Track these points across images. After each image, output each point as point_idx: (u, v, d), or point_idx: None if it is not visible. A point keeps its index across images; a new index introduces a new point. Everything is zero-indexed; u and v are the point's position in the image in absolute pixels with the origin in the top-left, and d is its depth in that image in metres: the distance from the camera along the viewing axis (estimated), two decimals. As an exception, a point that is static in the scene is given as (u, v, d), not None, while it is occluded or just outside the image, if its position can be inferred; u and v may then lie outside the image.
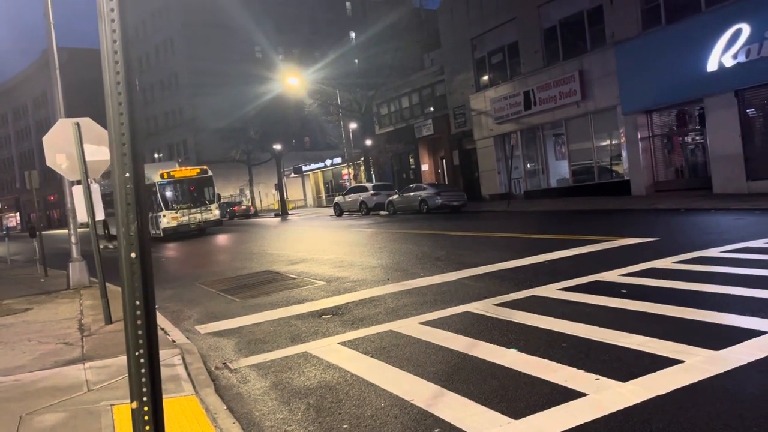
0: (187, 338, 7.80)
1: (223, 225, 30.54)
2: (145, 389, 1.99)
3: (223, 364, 6.56)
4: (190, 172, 29.69)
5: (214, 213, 30.01)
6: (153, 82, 70.86)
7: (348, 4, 75.76)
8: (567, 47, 27.19)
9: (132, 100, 1.93)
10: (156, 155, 74.13)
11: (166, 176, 28.58)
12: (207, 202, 29.81)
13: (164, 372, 6.02)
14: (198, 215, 29.14)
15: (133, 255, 1.95)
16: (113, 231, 30.03)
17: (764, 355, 4.93)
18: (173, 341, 7.50)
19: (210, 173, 30.11)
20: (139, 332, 1.95)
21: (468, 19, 33.03)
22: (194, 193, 29.41)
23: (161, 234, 28.24)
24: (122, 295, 1.97)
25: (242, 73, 58.67)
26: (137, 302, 1.95)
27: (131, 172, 1.91)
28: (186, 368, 6.21)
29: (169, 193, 28.81)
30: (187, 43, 63.58)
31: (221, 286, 12.24)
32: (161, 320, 9.06)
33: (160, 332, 8.07)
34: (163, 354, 6.70)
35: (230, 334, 7.97)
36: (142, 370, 1.98)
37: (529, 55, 29.05)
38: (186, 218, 28.70)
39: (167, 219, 28.18)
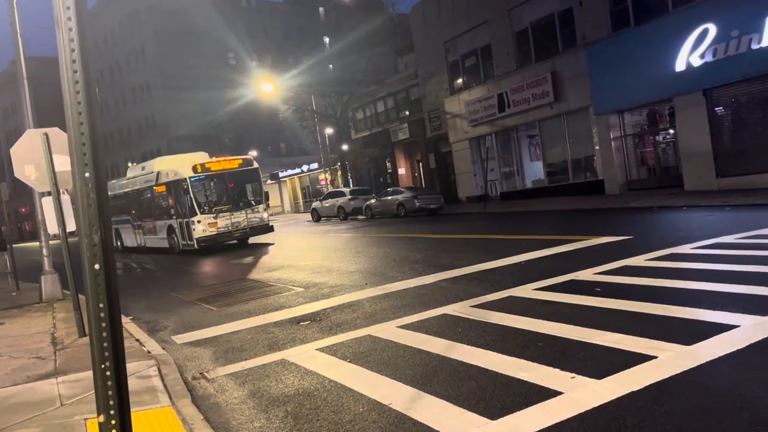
0: (163, 349, 7.70)
1: (274, 230, 23.81)
2: (112, 402, 1.95)
3: (200, 374, 6.49)
4: (231, 163, 22.31)
5: (262, 216, 22.79)
6: (125, 91, 69.98)
7: (321, 9, 75.63)
8: (539, 49, 27.47)
9: (92, 108, 1.90)
10: (129, 164, 73.15)
11: (199, 169, 21.31)
12: (252, 203, 22.73)
13: (140, 383, 5.94)
14: (242, 219, 22.05)
15: (96, 266, 1.92)
16: (128, 242, 28.03)
17: (734, 349, 5.02)
18: (148, 352, 7.40)
19: (255, 164, 23.00)
20: (105, 344, 1.92)
21: (440, 23, 33.20)
22: (236, 190, 22.61)
23: (195, 245, 21.31)
24: (86, 307, 1.94)
25: (215, 80, 58.30)
26: (102, 314, 1.92)
27: (93, 182, 1.88)
28: (162, 379, 6.13)
29: (204, 192, 21.84)
30: (159, 50, 62.92)
31: (197, 295, 12.11)
32: (136, 331, 8.94)
33: (135, 343, 7.96)
34: (138, 365, 6.62)
35: (207, 343, 7.88)
36: (109, 383, 1.94)
37: (502, 58, 29.30)
38: (227, 224, 21.61)
39: (202, 226, 21.08)
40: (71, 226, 9.02)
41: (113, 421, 1.96)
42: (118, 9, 66.84)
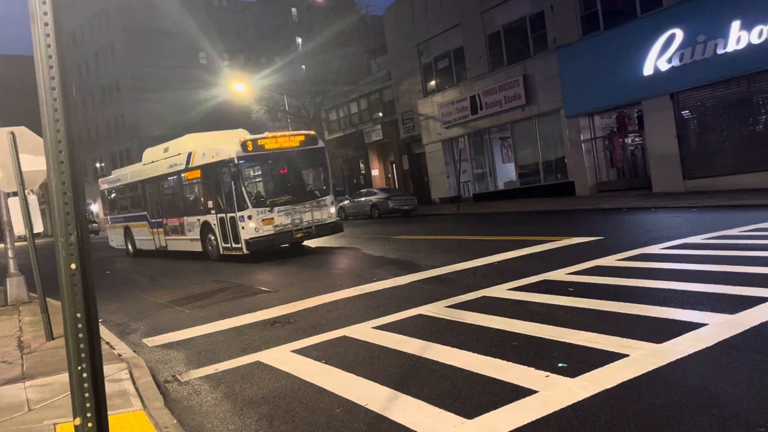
0: (135, 352, 7.58)
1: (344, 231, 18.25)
2: (88, 404, 1.92)
3: (173, 376, 6.40)
4: (290, 140, 16.72)
5: (330, 211, 17.04)
6: (93, 89, 68.66)
7: (294, 10, 75.30)
8: (511, 52, 27.75)
9: (69, 105, 1.86)
10: (98, 164, 71.86)
11: (251, 147, 15.88)
12: (317, 193, 17.03)
13: (111, 387, 5.83)
14: (306, 215, 16.40)
15: (73, 266, 1.88)
16: (142, 244, 22.41)
17: (704, 347, 5.13)
18: (119, 355, 7.27)
19: (321, 142, 17.47)
20: (81, 346, 1.88)
21: (413, 25, 33.33)
22: (297, 176, 17.18)
23: (243, 249, 15.72)
24: (62, 308, 1.90)
25: (187, 80, 57.59)
26: (78, 315, 1.88)
27: (69, 180, 1.85)
28: (134, 382, 6.02)
29: (256, 178, 16.94)
30: (128, 48, 61.91)
31: (170, 297, 11.94)
32: (106, 334, 8.78)
33: (105, 346, 7.81)
34: (110, 368, 6.50)
35: (180, 346, 7.78)
36: (85, 385, 1.91)
37: (475, 60, 29.51)
38: (287, 220, 16.02)
39: (254, 223, 15.54)
40: (38, 228, 8.82)
41: (90, 424, 1.92)
42: (87, 7, 65.56)
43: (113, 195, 25.03)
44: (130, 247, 23.81)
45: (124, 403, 5.40)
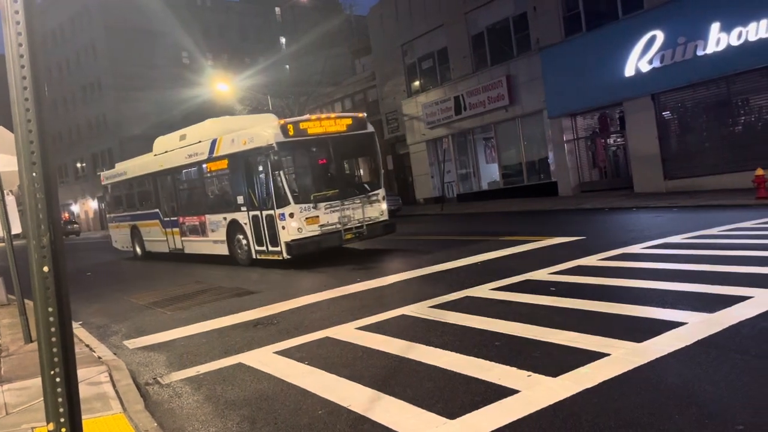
0: (115, 354, 7.50)
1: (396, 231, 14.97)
2: (62, 409, 1.89)
3: (154, 379, 6.34)
4: (336, 123, 14.15)
5: (381, 207, 14.37)
6: (74, 89, 67.88)
7: (277, 10, 75.04)
8: (494, 53, 27.87)
9: (41, 105, 1.83)
10: (79, 165, 71.06)
11: (292, 131, 13.27)
12: (367, 187, 14.44)
13: (90, 390, 5.76)
14: (356, 212, 13.79)
15: (45, 269, 1.84)
16: (152, 246, 19.82)
17: (683, 345, 5.18)
18: (99, 358, 7.18)
19: (370, 127, 14.86)
20: (54, 350, 1.85)
21: (397, 26, 33.35)
22: (344, 166, 14.65)
23: (282, 253, 13.21)
24: (35, 311, 1.87)
25: (169, 79, 57.18)
26: (51, 318, 1.85)
27: (42, 181, 1.81)
28: (114, 385, 5.95)
29: (298, 168, 13.79)
30: (110, 47, 61.27)
31: (151, 299, 11.84)
32: (86, 336, 8.68)
33: (85, 349, 7.72)
34: (89, 371, 6.42)
35: (161, 348, 7.71)
36: (59, 390, 1.87)
37: (458, 61, 29.60)
38: (334, 219, 13.47)
39: (297, 222, 13.04)
40: (16, 229, 8.70)
41: (63, 429, 1.89)
42: (68, 5, 64.83)
43: (118, 190, 22.32)
44: (137, 248, 21.09)
45: (104, 406, 5.34)
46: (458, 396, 4.73)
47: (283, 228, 12.99)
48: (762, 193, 15.11)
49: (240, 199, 14.42)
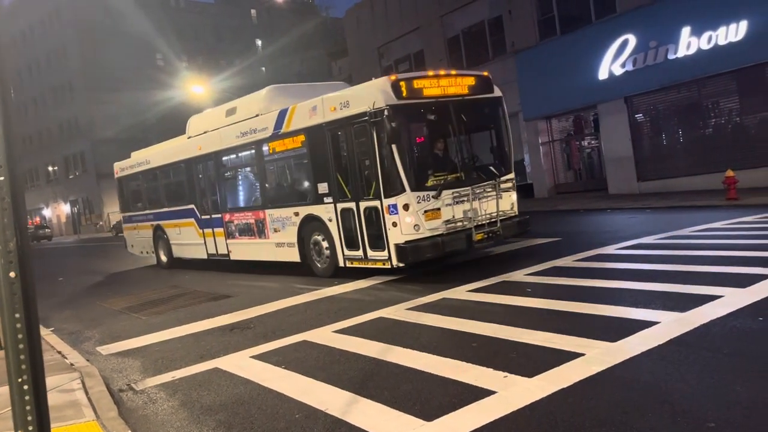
0: (88, 361, 7.37)
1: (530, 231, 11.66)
2: (30, 417, 1.84)
3: (128, 385, 6.24)
4: (456, 83, 10.64)
5: (512, 198, 10.99)
6: (45, 91, 66.68)
7: (253, 11, 74.63)
8: (470, 56, 28.04)
9: (6, 108, 1.79)
10: (50, 168, 69.83)
11: (405, 91, 9.87)
12: (493, 170, 10.87)
13: (62, 397, 5.66)
14: (487, 203, 10.45)
15: (12, 274, 1.80)
16: (182, 251, 16.33)
17: (656, 344, 5.25)
18: (71, 364, 7.06)
19: (497, 90, 11.46)
20: (21, 357, 1.81)
21: (374, 28, 33.40)
22: (467, 140, 10.87)
23: (392, 258, 9.81)
24: (1, 318, 1.83)
25: (143, 81, 56.49)
26: (18, 325, 1.81)
27: (7, 186, 1.77)
28: (86, 392, 5.85)
29: (413, 143, 10.82)
30: (82, 49, 60.33)
31: (125, 303, 11.67)
32: (57, 342, 8.53)
33: (56, 355, 7.59)
34: (61, 378, 6.31)
35: (135, 353, 7.60)
36: (27, 397, 1.83)
37: (434, 64, 29.69)
38: (459, 212, 10.08)
39: (413, 216, 9.67)
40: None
41: (31, 438, 1.85)
42: (38, 5, 63.72)
43: (136, 184, 18.58)
44: (162, 254, 17.15)
45: (76, 413, 5.24)
46: (435, 398, 4.73)
47: (394, 225, 9.61)
48: (732, 194, 15.42)
49: (322, 188, 10.97)
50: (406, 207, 9.59)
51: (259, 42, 71.46)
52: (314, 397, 5.07)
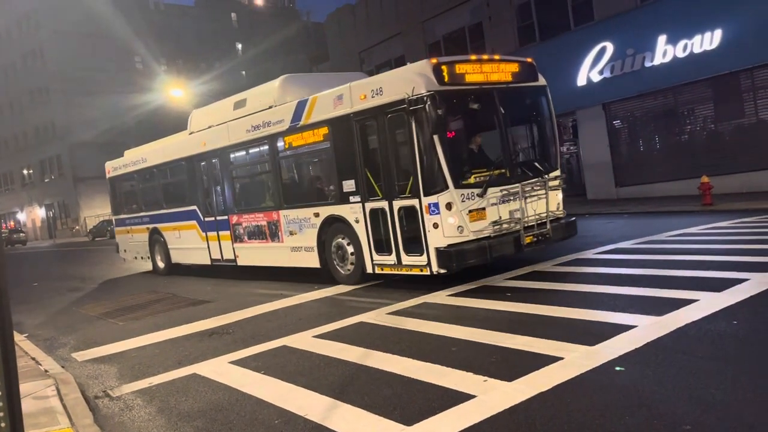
0: (63, 367, 7.25)
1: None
2: (3, 424, 1.81)
3: (104, 392, 6.15)
4: (499, 69, 9.70)
5: (559, 197, 10.07)
6: (21, 93, 65.55)
7: (233, 15, 74.29)
8: (451, 62, 28.15)
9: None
10: (25, 171, 68.69)
11: (447, 76, 8.84)
12: (538, 166, 9.89)
13: (37, 405, 5.57)
14: (536, 203, 9.50)
15: (-15, 279, 1.77)
16: (181, 256, 15.21)
17: (633, 348, 5.30)
18: (46, 371, 6.94)
19: (542, 78, 10.85)
20: (-6, 363, 1.77)
21: (355, 33, 33.42)
22: (510, 133, 9.60)
23: (432, 264, 8.75)
24: (-27, 324, 1.79)
25: (121, 84, 55.89)
26: (-9, 330, 1.77)
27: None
28: (61, 399, 5.76)
29: (456, 134, 9.27)
30: (59, 51, 59.46)
31: (102, 309, 11.51)
32: (32, 349, 8.38)
33: (30, 362, 7.46)
34: (35, 385, 6.20)
35: (112, 359, 7.49)
36: (0, 404, 1.80)
37: (416, 69, 29.79)
38: (505, 212, 9.11)
39: (457, 216, 8.63)
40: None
41: (4, 446, 1.81)
42: (14, 7, 62.74)
43: (130, 184, 17.50)
44: (159, 260, 16.09)
45: (51, 421, 5.15)
46: (415, 402, 4.73)
47: (435, 226, 8.61)
48: (707, 199, 15.66)
49: (348, 186, 9.93)
50: (448, 206, 8.58)
51: (239, 46, 71.15)
52: (294, 403, 5.04)
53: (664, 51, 19.10)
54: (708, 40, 18.08)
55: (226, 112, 13.20)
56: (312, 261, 11.01)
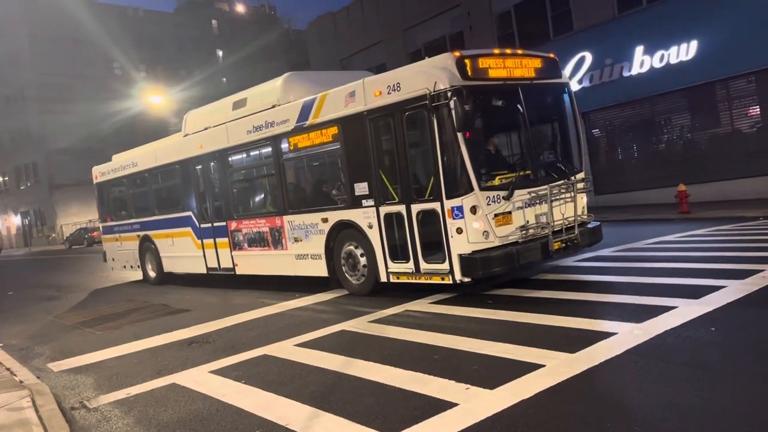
0: (38, 378, 7.11)
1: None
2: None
3: (80, 403, 6.03)
4: (522, 65, 9.00)
5: (584, 200, 9.69)
6: (-5, 100, 64.53)
7: (214, 22, 73.98)
8: (432, 70, 28.29)
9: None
10: (0, 179, 67.51)
11: (471, 71, 8.28)
12: (563, 167, 9.43)
13: (10, 416, 5.45)
14: (566, 206, 9.02)
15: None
16: (174, 264, 14.53)
17: (613, 355, 5.34)
18: (21, 382, 6.80)
19: (564, 75, 10.41)
20: (-32, 375, 1.72)
21: (336, 41, 33.47)
22: (533, 132, 9.13)
23: (455, 272, 8.19)
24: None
25: (99, 90, 55.28)
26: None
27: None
28: (36, 411, 5.64)
29: (480, 132, 8.79)
30: (36, 56, 58.58)
31: (79, 318, 11.32)
32: (6, 359, 8.21)
33: (5, 372, 7.31)
34: (9, 396, 6.08)
35: (89, 370, 7.36)
36: (-27, 418, 1.74)
37: (397, 77, 29.90)
38: (531, 216, 8.61)
39: (483, 221, 8.11)
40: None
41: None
42: (-11, 12, 61.78)
43: (119, 190, 16.74)
44: (150, 269, 15.33)
45: (25, 433, 5.04)
46: (397, 411, 4.72)
47: (459, 231, 8.09)
48: (684, 208, 15.89)
49: (360, 189, 9.39)
50: (473, 210, 8.03)
51: (220, 53, 70.84)
52: (275, 412, 4.99)
53: (642, 61, 19.41)
54: (684, 51, 18.41)
55: (224, 112, 12.54)
56: (319, 269, 10.41)
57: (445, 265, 8.29)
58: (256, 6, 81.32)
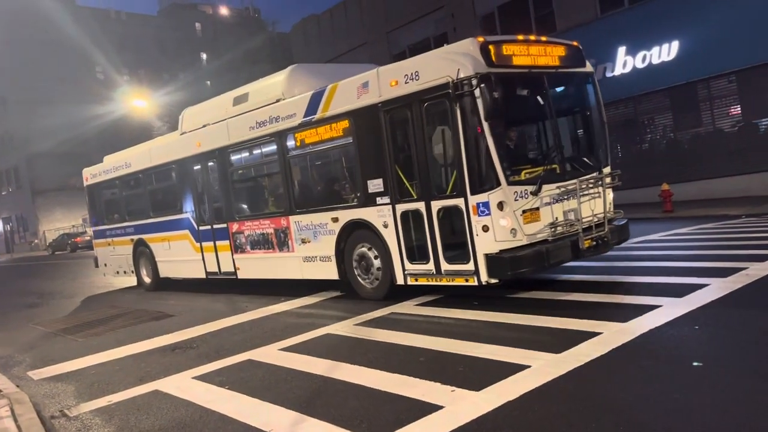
0: (18, 386, 6.98)
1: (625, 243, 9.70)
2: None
3: (60, 411, 5.93)
4: (546, 53, 8.63)
5: (610, 196, 9.12)
6: (-24, 104, 63.69)
7: (198, 25, 73.58)
8: (416, 72, 28.33)
9: None
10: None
11: (495, 57, 7.73)
12: (589, 161, 8.96)
13: (-12, 427, 5.33)
14: (594, 202, 8.55)
15: None
16: (171, 269, 13.93)
17: (599, 354, 5.34)
18: (0, 391, 6.67)
19: (589, 65, 9.62)
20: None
21: (320, 43, 33.42)
22: (558, 124, 8.49)
23: (479, 272, 7.62)
24: None
25: (81, 93, 54.77)
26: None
27: None
28: (15, 420, 5.54)
29: (506, 123, 7.92)
30: (16, 60, 57.87)
31: (60, 325, 11.16)
32: (-15, 368, 8.06)
33: (-17, 382, 7.15)
34: (-13, 407, 5.94)
35: (70, 377, 7.24)
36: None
37: (382, 79, 29.91)
38: (559, 213, 8.07)
39: (510, 218, 7.53)
40: None
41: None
42: (-33, 15, 60.97)
43: (111, 192, 15.98)
44: (145, 275, 14.71)
45: (3, 444, 4.94)
46: (383, 414, 4.67)
47: (485, 229, 7.52)
48: (668, 207, 16.01)
49: (374, 186, 8.78)
50: (500, 206, 7.44)
51: (204, 56, 70.48)
52: (259, 418, 4.93)
53: (624, 61, 19.55)
54: (666, 51, 18.57)
55: (224, 108, 11.82)
56: (329, 272, 9.80)
57: (470, 266, 7.73)
58: (239, 9, 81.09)
